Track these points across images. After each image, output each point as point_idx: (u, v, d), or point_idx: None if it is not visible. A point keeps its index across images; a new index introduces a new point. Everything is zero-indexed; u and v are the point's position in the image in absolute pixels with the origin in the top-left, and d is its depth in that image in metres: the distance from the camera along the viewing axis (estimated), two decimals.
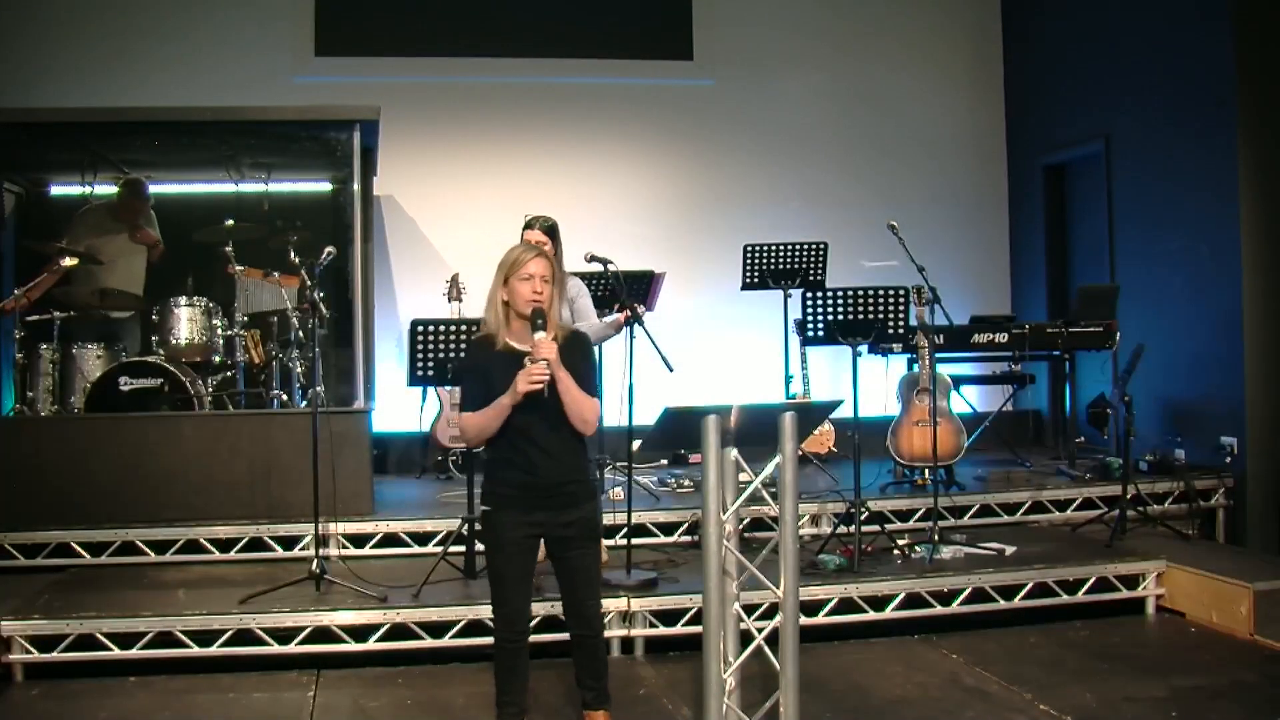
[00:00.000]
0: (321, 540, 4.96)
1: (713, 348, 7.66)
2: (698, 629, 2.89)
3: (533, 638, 4.50)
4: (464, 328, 4.76)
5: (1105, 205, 7.40)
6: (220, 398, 6.30)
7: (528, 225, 4.91)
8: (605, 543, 4.78)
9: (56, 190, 7.36)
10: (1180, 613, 5.10)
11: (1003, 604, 4.98)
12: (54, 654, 4.33)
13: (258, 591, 4.58)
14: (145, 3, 7.53)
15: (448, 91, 7.91)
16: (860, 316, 5.22)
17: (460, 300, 6.90)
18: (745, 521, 5.25)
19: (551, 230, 4.95)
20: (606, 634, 4.58)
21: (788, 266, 6.68)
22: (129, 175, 6.79)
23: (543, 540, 3.50)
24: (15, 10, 7.35)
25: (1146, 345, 5.91)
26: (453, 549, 4.86)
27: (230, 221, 6.53)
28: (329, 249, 5.02)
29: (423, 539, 5.48)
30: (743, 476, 2.90)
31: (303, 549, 5.30)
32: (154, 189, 7.21)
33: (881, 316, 5.22)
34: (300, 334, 6.32)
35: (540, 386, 3.25)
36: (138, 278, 6.68)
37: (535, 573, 3.55)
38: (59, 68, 7.29)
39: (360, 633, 4.49)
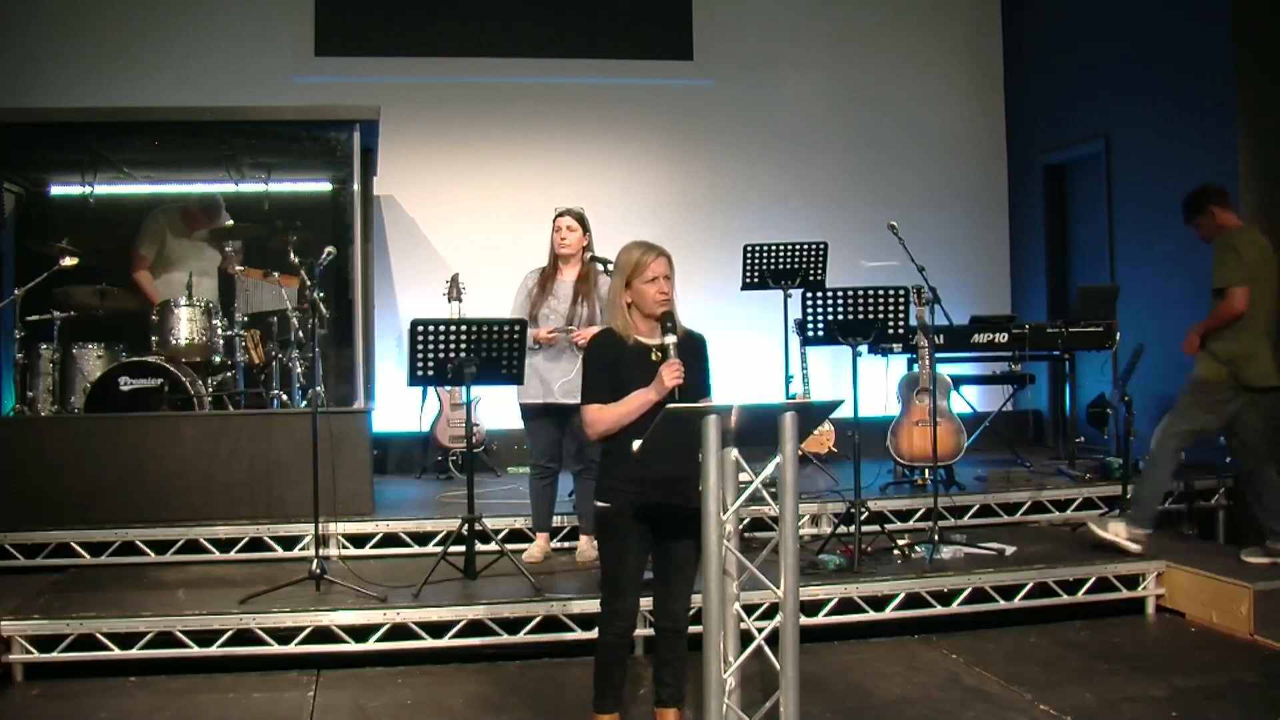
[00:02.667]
0: (321, 540, 4.96)
1: (712, 348, 7.63)
2: (698, 629, 2.89)
3: (536, 638, 4.54)
4: (464, 327, 4.76)
5: (1105, 205, 7.40)
6: (220, 398, 6.30)
7: (561, 214, 5.09)
8: None
9: (56, 190, 7.36)
10: (1180, 613, 5.10)
11: (1003, 604, 4.98)
12: (54, 654, 4.33)
13: (258, 591, 4.57)
14: (145, 3, 7.54)
15: (448, 91, 7.91)
16: (860, 316, 5.22)
17: (460, 300, 6.90)
18: (745, 521, 5.25)
19: (582, 219, 5.11)
20: None
21: (788, 266, 6.67)
22: (207, 192, 6.80)
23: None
24: (15, 10, 7.35)
25: (1146, 345, 5.91)
26: (453, 549, 4.86)
27: (230, 221, 6.53)
28: (329, 249, 5.02)
29: (423, 539, 5.48)
30: (743, 476, 2.90)
31: (303, 549, 5.30)
32: (154, 189, 7.23)
33: (881, 316, 5.22)
34: (300, 334, 6.32)
35: (682, 381, 3.27)
36: (209, 285, 6.67)
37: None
38: (59, 68, 7.30)
39: (360, 633, 4.48)
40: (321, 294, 5.11)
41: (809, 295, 5.30)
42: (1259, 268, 4.94)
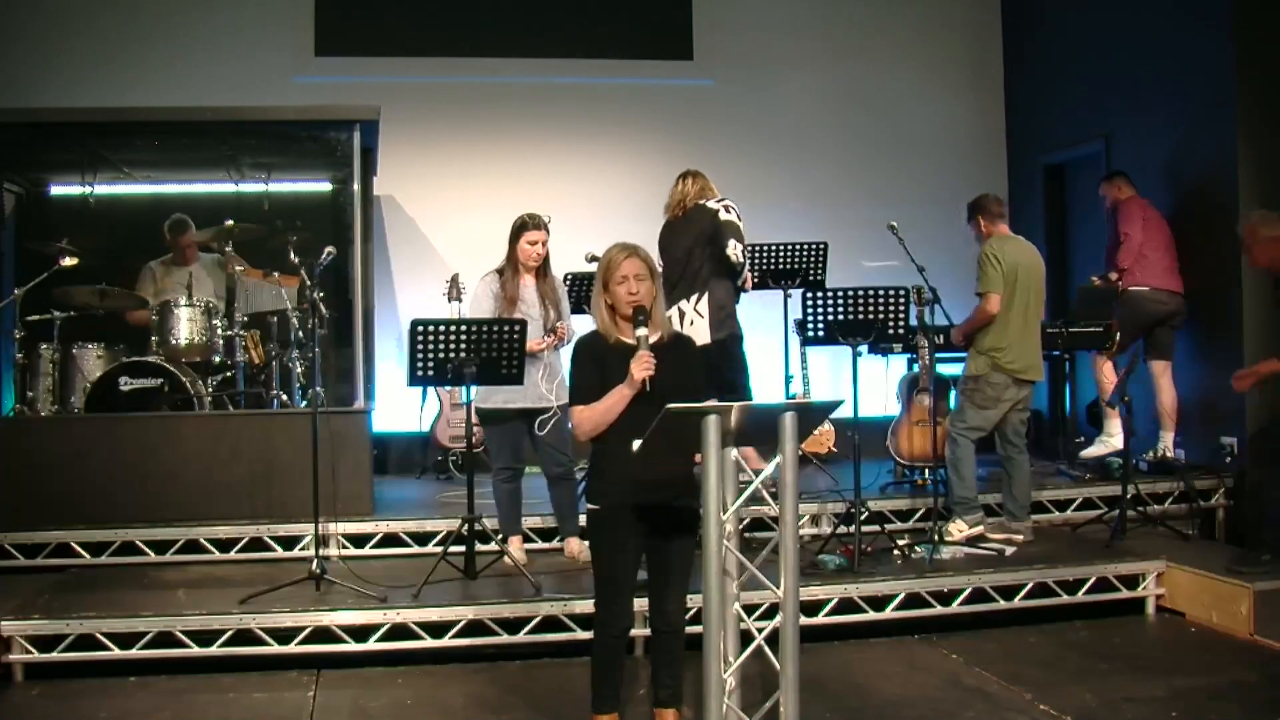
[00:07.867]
0: (321, 540, 4.95)
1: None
2: (698, 629, 2.89)
3: (534, 637, 4.55)
4: (464, 327, 4.76)
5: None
6: (220, 398, 6.30)
7: (535, 226, 5.08)
8: None
9: (56, 190, 7.36)
10: (1180, 613, 5.10)
11: (1003, 604, 4.98)
12: (54, 654, 4.33)
13: (258, 591, 4.57)
14: (145, 3, 7.54)
15: (448, 91, 7.91)
16: (860, 316, 5.22)
17: (460, 300, 6.89)
18: (745, 521, 5.24)
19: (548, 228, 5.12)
20: None
21: (788, 266, 6.67)
22: (175, 216, 6.74)
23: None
24: (15, 10, 7.35)
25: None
26: (453, 549, 4.86)
27: (230, 221, 6.54)
28: (329, 249, 5.02)
29: (423, 539, 5.48)
30: (743, 476, 2.90)
31: (303, 549, 5.30)
32: (154, 189, 7.23)
33: (881, 316, 5.22)
34: (300, 334, 6.32)
35: (651, 372, 3.27)
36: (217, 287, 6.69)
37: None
38: (59, 68, 7.29)
39: (360, 633, 4.48)
40: (321, 294, 5.11)
41: (809, 295, 5.30)
42: (1018, 272, 5.35)
